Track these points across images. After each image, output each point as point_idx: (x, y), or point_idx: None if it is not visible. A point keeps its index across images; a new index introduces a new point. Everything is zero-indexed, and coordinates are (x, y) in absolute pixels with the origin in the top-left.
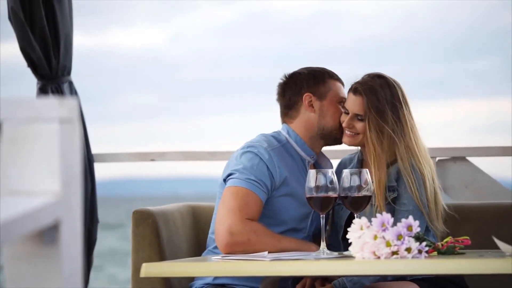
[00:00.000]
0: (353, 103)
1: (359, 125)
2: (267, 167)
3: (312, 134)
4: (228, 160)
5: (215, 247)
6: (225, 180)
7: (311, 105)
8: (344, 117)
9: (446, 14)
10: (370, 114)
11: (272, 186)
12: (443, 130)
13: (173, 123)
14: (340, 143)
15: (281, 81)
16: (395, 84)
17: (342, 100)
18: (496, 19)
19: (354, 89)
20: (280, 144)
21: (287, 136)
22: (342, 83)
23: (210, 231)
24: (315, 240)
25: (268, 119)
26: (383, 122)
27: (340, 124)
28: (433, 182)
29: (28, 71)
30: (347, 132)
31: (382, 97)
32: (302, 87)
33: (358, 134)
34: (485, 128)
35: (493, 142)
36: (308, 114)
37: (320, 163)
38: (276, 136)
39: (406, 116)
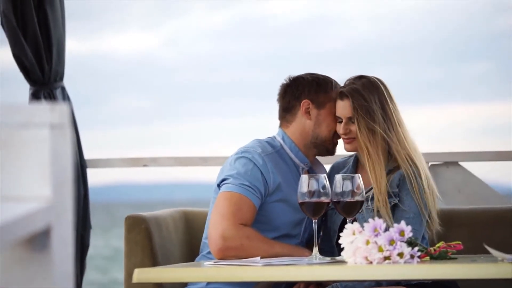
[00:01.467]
0: (343, 108)
1: (353, 128)
2: (261, 172)
3: (306, 142)
4: (222, 166)
5: (209, 252)
6: (219, 186)
7: (308, 112)
8: (338, 126)
9: (441, 17)
10: (358, 115)
11: (266, 192)
12: (440, 134)
13: (167, 127)
14: (332, 154)
15: (284, 82)
16: (378, 82)
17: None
18: (493, 23)
19: (340, 93)
20: (274, 150)
21: (281, 142)
22: (342, 99)
23: (203, 236)
24: (309, 246)
25: (262, 123)
26: (371, 121)
27: (333, 136)
28: (427, 176)
29: (21, 76)
30: (345, 139)
31: (367, 97)
32: (303, 92)
33: (355, 138)
34: (482, 132)
35: (489, 146)
36: (304, 121)
37: (314, 169)
38: (270, 142)
39: (393, 112)
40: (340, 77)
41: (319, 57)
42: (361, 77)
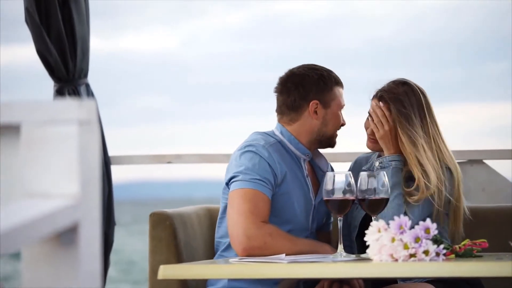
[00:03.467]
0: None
1: None
2: (268, 164)
3: (309, 139)
4: (228, 164)
5: (223, 250)
6: (227, 184)
7: (315, 112)
8: (367, 123)
9: (459, 16)
10: (399, 122)
11: (275, 183)
12: (462, 132)
13: (189, 126)
14: (333, 147)
15: (285, 76)
16: (419, 91)
17: (342, 108)
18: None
19: (380, 96)
20: (276, 140)
21: (280, 136)
22: (343, 87)
23: (216, 235)
24: (319, 236)
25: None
26: (411, 127)
27: (336, 130)
28: (459, 186)
29: (45, 73)
30: (370, 138)
31: (407, 104)
32: (311, 92)
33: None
34: (504, 131)
35: (508, 145)
36: (311, 120)
37: (315, 159)
38: (270, 134)
39: (429, 123)
40: (356, 76)
41: (336, 56)
42: (404, 83)
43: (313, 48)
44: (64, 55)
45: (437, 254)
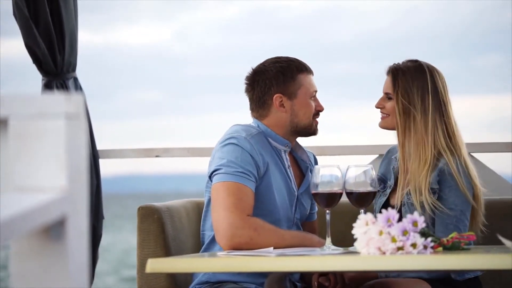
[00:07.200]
0: (385, 83)
1: (388, 105)
2: (251, 156)
3: (285, 131)
4: (210, 157)
5: (209, 243)
6: (210, 177)
7: (282, 105)
8: (381, 101)
9: (455, 7)
10: (396, 93)
11: (258, 174)
12: None
13: (178, 120)
14: (315, 134)
15: (249, 75)
16: (427, 70)
17: (313, 94)
18: (508, 14)
19: (388, 71)
20: (258, 130)
21: (258, 129)
22: (312, 73)
23: (202, 228)
24: (305, 227)
25: None
26: (408, 103)
27: (313, 118)
28: (475, 181)
29: (33, 67)
30: (380, 114)
31: (409, 79)
32: (272, 86)
33: (388, 115)
34: (494, 123)
35: (502, 137)
36: (279, 114)
37: (296, 151)
38: (250, 126)
39: (430, 103)
40: (350, 68)
41: (330, 49)
42: (415, 61)
43: (307, 41)
44: (52, 49)
45: (425, 247)
